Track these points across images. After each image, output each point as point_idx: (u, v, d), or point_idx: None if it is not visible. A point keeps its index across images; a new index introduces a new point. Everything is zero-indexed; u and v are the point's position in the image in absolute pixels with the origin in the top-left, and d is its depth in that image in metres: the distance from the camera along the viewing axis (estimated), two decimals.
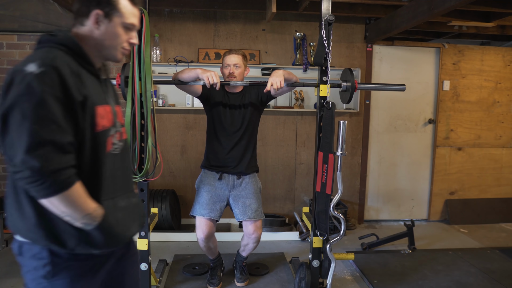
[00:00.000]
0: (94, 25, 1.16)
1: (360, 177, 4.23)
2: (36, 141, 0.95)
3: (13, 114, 0.97)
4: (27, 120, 0.95)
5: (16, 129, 0.96)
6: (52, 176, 0.97)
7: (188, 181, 4.04)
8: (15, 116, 0.97)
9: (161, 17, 3.85)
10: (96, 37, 1.17)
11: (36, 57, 1.04)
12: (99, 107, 1.14)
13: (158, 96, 3.85)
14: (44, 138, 0.96)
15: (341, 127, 2.19)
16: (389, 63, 4.16)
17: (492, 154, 4.39)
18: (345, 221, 2.25)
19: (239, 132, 2.49)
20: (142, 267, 2.34)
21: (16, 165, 0.96)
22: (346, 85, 2.43)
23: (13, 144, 0.97)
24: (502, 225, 4.29)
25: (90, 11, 1.15)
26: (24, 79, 0.98)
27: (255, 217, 2.50)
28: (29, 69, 0.99)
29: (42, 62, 1.01)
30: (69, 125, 1.03)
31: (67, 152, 1.02)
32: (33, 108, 0.96)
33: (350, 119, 4.14)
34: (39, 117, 0.96)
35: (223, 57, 2.49)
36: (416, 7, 3.03)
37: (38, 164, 0.95)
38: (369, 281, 2.82)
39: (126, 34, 1.22)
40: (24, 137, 0.95)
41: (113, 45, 1.20)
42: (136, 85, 2.15)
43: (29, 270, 1.12)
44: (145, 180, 2.27)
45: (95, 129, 1.13)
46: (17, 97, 0.97)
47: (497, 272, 2.98)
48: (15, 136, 0.96)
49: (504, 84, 4.31)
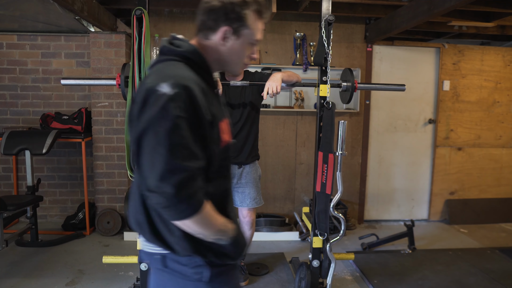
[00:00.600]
0: (220, 41, 1.11)
1: (360, 177, 4.23)
2: (169, 169, 0.94)
3: (147, 137, 0.96)
4: (161, 146, 0.94)
5: (150, 153, 0.95)
6: (185, 201, 0.96)
7: None
8: (149, 140, 0.96)
9: (161, 17, 3.85)
10: (221, 52, 1.12)
11: (166, 74, 1.00)
12: (221, 122, 1.10)
13: None
14: (177, 165, 0.94)
15: (341, 127, 2.19)
16: (389, 63, 4.16)
17: (492, 154, 4.39)
18: (345, 221, 2.25)
19: (238, 123, 2.53)
20: (142, 267, 2.34)
21: (149, 188, 0.96)
22: (346, 85, 2.43)
23: (146, 166, 0.96)
24: (502, 225, 4.29)
25: (218, 27, 1.09)
26: (158, 101, 0.95)
27: (253, 205, 2.63)
28: (162, 89, 0.95)
29: (174, 82, 0.97)
30: (200, 149, 1.00)
31: (198, 176, 1.00)
32: (166, 134, 0.94)
33: (350, 119, 4.14)
34: (172, 144, 0.94)
35: None
36: (416, 7, 3.02)
37: (171, 191, 0.93)
38: (369, 281, 2.82)
39: (250, 50, 1.17)
40: (158, 163, 0.94)
41: (237, 60, 1.16)
42: (136, 85, 2.15)
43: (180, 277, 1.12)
44: None
45: (220, 145, 1.09)
46: (151, 120, 0.95)
47: (497, 272, 2.98)
48: (148, 160, 0.96)
49: (504, 84, 4.31)
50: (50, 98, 3.95)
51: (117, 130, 3.75)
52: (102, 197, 3.81)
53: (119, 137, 3.76)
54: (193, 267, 1.10)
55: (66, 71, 3.92)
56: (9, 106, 3.92)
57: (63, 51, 3.90)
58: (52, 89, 3.94)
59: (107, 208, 3.77)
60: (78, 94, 3.97)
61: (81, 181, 4.01)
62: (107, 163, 3.78)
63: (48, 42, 3.87)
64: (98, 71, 3.67)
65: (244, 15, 1.09)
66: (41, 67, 3.90)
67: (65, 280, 2.80)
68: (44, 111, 3.88)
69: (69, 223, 3.77)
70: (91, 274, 2.90)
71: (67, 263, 3.08)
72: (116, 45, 3.66)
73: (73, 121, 3.67)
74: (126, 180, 3.80)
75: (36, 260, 3.13)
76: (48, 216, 4.09)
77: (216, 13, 1.08)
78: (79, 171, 4.01)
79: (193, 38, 1.15)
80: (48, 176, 4.02)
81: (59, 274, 2.89)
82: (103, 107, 3.73)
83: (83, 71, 3.93)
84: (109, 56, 3.66)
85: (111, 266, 2.98)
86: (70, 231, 3.70)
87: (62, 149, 4.00)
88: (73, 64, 3.92)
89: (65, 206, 4.09)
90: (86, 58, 3.90)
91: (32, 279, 2.80)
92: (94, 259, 3.14)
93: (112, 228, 3.71)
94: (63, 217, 3.99)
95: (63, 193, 4.07)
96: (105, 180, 3.80)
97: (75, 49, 3.90)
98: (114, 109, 3.73)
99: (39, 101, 3.94)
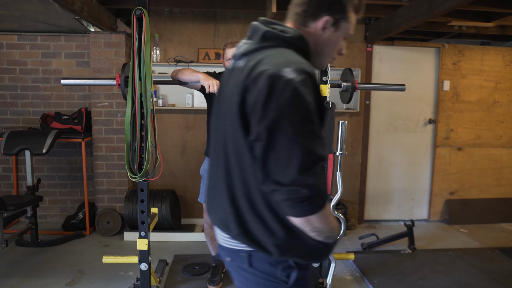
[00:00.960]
0: (319, 30, 1.07)
1: (360, 177, 4.23)
2: (311, 159, 0.88)
3: (281, 127, 0.88)
4: (299, 135, 0.87)
5: (286, 144, 0.88)
6: (322, 194, 0.90)
7: (188, 181, 4.04)
8: (284, 130, 0.88)
9: (161, 17, 3.85)
10: (319, 42, 1.09)
11: (286, 60, 0.94)
12: None
13: (158, 96, 3.85)
14: (317, 155, 0.89)
15: (341, 127, 2.19)
16: (389, 63, 4.16)
17: (492, 154, 4.39)
18: (345, 221, 2.25)
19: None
20: (142, 267, 2.34)
21: (282, 182, 0.89)
22: (346, 85, 2.43)
23: (280, 160, 0.89)
24: (502, 225, 4.28)
25: (320, 15, 1.06)
26: (287, 87, 0.88)
27: None
28: (288, 75, 0.89)
29: (297, 67, 0.91)
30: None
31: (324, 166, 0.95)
32: (303, 121, 0.88)
33: (350, 119, 4.14)
34: (309, 131, 0.88)
35: (226, 48, 2.48)
36: (416, 7, 3.02)
37: (313, 183, 0.88)
38: (369, 281, 2.82)
39: (341, 43, 1.14)
40: (298, 154, 0.87)
41: (329, 53, 1.13)
42: (136, 85, 2.15)
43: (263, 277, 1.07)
44: (145, 180, 2.27)
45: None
46: (284, 108, 0.87)
47: (497, 272, 2.98)
48: (283, 152, 0.88)
49: (504, 84, 4.31)
50: (50, 98, 3.95)
51: (117, 130, 3.75)
52: (102, 197, 3.81)
53: (119, 137, 3.76)
54: (283, 269, 1.05)
55: (66, 71, 3.92)
56: (9, 106, 3.92)
57: (63, 51, 3.90)
58: (52, 89, 3.94)
59: (107, 208, 3.77)
60: (78, 94, 3.97)
61: (81, 181, 4.01)
62: (107, 163, 3.78)
63: (48, 42, 3.87)
64: (98, 71, 3.67)
65: (347, 7, 1.08)
66: (41, 67, 3.90)
67: (65, 280, 2.80)
68: (44, 111, 3.88)
69: (69, 223, 3.77)
70: (91, 274, 2.90)
71: (67, 263, 3.08)
72: (116, 45, 3.66)
73: (73, 121, 3.67)
74: (126, 180, 3.80)
75: (36, 260, 3.13)
76: (48, 216, 4.09)
77: (321, 1, 1.06)
78: (79, 171, 4.01)
79: (287, 22, 1.11)
80: (48, 176, 4.02)
81: (59, 274, 2.89)
82: (103, 107, 3.73)
83: (83, 71, 3.93)
84: (109, 56, 3.66)
85: (111, 266, 2.98)
86: (70, 231, 3.70)
87: (62, 149, 4.00)
88: (73, 64, 3.92)
89: (65, 206, 4.09)
90: (86, 58, 3.90)
91: (32, 279, 2.80)
92: (94, 259, 3.14)
93: (112, 228, 3.71)
94: (63, 217, 3.99)
95: (63, 193, 4.07)
96: (105, 180, 3.80)
97: (75, 49, 3.90)
98: (114, 109, 3.73)
99: (39, 101, 3.94)
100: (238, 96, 0.96)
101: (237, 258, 1.09)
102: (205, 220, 2.69)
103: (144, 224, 2.33)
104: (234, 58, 1.12)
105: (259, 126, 0.91)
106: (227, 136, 1.03)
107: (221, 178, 1.06)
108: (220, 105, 1.10)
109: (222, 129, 1.06)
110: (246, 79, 0.95)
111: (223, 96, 1.10)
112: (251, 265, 1.07)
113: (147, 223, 2.33)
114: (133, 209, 3.53)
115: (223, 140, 1.05)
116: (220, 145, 1.06)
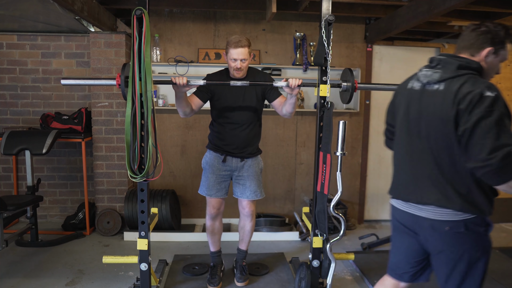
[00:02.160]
0: (483, 58, 1.52)
1: (360, 177, 4.23)
2: (496, 145, 1.34)
3: (480, 126, 1.37)
4: (491, 131, 1.35)
5: (481, 136, 1.36)
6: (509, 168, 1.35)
7: (188, 181, 4.04)
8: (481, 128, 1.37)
9: (161, 17, 3.85)
10: (483, 67, 1.53)
11: (482, 83, 1.42)
12: None
13: (158, 96, 3.85)
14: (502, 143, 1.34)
15: (341, 127, 2.18)
16: (389, 63, 4.16)
17: None
18: (345, 221, 2.25)
19: (241, 120, 2.57)
20: (142, 267, 2.34)
21: (479, 161, 1.36)
22: (346, 85, 2.43)
23: (477, 146, 1.37)
24: (502, 225, 4.28)
25: (484, 48, 1.51)
26: (486, 101, 1.37)
27: (252, 197, 2.66)
28: (487, 93, 1.38)
29: (493, 88, 1.39)
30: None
31: None
32: (494, 122, 1.35)
33: (350, 119, 4.14)
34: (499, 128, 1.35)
35: (229, 48, 2.46)
36: (416, 7, 3.02)
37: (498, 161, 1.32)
38: (369, 281, 2.82)
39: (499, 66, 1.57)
40: (487, 143, 1.34)
41: (491, 74, 1.57)
42: (136, 85, 2.15)
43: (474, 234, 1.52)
44: (145, 180, 2.27)
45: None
46: (484, 114, 1.36)
47: (497, 272, 2.98)
48: (479, 141, 1.37)
49: (504, 84, 4.31)
50: (50, 98, 3.95)
51: (117, 130, 3.75)
52: (102, 197, 3.81)
53: (119, 137, 3.76)
54: (484, 226, 1.54)
55: (66, 71, 3.92)
56: (9, 106, 3.92)
57: (63, 51, 3.90)
58: (52, 89, 3.94)
59: (107, 208, 3.77)
60: (78, 94, 3.97)
61: (81, 181, 4.01)
62: (107, 163, 3.78)
63: (48, 42, 3.87)
64: (98, 71, 3.67)
65: (505, 41, 1.53)
66: (41, 67, 3.90)
67: (65, 280, 2.80)
68: (44, 111, 3.88)
69: (69, 223, 3.77)
70: (91, 274, 2.91)
71: (67, 263, 3.08)
72: (116, 45, 3.66)
73: (73, 121, 3.68)
74: (126, 180, 3.80)
75: (36, 260, 3.13)
76: (48, 216, 4.10)
77: (485, 37, 1.51)
78: (79, 171, 4.01)
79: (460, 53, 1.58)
80: (48, 176, 4.02)
81: (59, 274, 2.89)
82: (103, 107, 3.73)
83: (83, 71, 3.93)
84: (109, 56, 3.67)
85: (111, 266, 2.98)
86: (70, 231, 3.70)
87: (62, 149, 4.01)
88: (73, 64, 3.92)
89: (65, 206, 4.09)
90: (86, 58, 3.90)
91: (32, 279, 2.80)
92: (94, 259, 3.14)
93: (112, 228, 3.71)
94: (63, 217, 3.99)
95: (63, 193, 4.08)
96: (105, 180, 3.80)
97: (75, 49, 3.90)
98: (114, 109, 3.73)
99: (39, 101, 3.94)
100: (452, 109, 1.44)
101: (456, 226, 1.52)
102: (209, 212, 2.69)
103: (144, 224, 2.33)
104: (428, 83, 1.60)
105: (466, 125, 1.40)
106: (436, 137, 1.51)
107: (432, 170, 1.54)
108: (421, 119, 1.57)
109: (425, 134, 1.55)
110: (455, 97, 1.43)
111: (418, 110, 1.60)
112: (468, 229, 1.51)
113: (147, 223, 2.33)
114: (133, 209, 3.53)
115: (428, 142, 1.54)
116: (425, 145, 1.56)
